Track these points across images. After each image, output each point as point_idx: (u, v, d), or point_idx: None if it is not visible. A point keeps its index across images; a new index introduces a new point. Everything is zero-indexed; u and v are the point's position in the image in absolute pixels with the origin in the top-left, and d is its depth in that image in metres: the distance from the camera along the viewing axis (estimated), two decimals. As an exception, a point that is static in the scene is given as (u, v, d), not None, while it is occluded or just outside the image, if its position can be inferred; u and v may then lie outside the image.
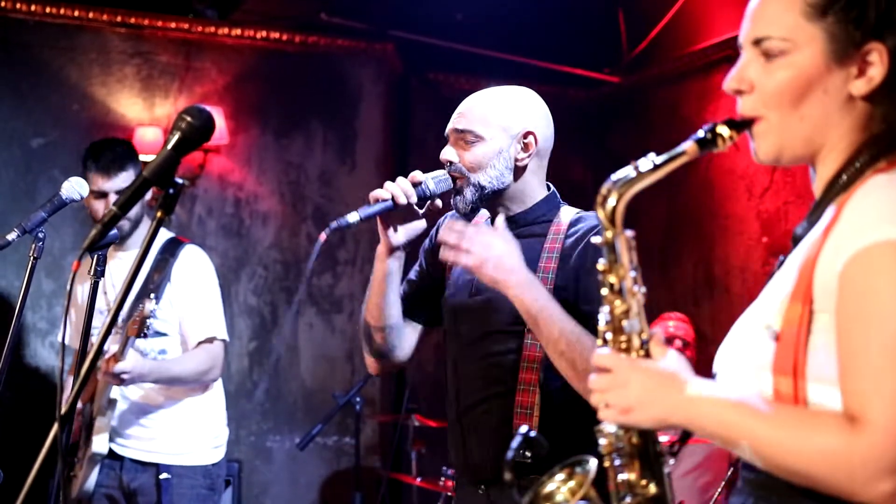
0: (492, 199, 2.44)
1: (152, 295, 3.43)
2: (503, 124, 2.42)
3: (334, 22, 5.73)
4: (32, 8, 5.26)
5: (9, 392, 5.03)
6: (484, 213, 2.54)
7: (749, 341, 1.47)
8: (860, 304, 1.34)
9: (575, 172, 6.50)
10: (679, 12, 5.69)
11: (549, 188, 2.52)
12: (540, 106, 2.48)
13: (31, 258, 2.62)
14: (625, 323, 1.48)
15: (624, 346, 1.48)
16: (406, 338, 2.61)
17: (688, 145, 1.49)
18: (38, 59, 5.32)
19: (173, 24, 5.53)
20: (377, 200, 2.39)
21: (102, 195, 3.62)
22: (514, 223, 2.43)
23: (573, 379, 2.20)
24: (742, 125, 1.50)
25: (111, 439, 3.60)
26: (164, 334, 3.64)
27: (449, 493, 4.40)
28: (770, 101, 1.47)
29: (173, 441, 3.67)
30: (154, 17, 5.48)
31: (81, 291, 3.73)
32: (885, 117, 1.46)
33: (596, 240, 1.51)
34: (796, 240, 1.53)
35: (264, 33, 5.67)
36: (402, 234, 2.46)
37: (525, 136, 2.42)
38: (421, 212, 2.46)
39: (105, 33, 5.44)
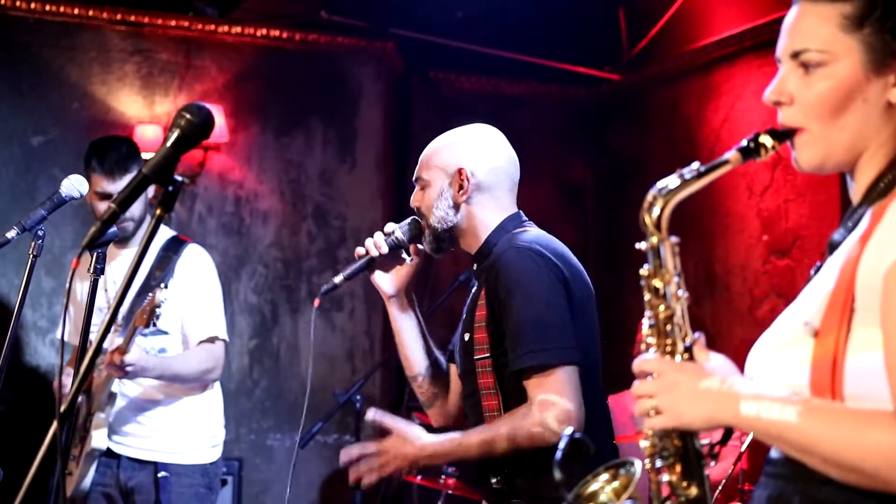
0: (451, 240, 2.54)
1: (163, 285, 3.42)
2: (440, 166, 2.52)
3: (334, 20, 5.73)
4: (32, 6, 5.25)
5: (9, 390, 5.04)
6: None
7: (786, 339, 1.49)
8: None
9: (575, 171, 6.50)
10: (679, 10, 5.68)
11: (504, 221, 2.53)
12: (477, 141, 2.53)
13: (31, 256, 2.62)
14: (669, 327, 1.51)
15: (668, 349, 1.51)
16: (453, 385, 2.66)
17: (731, 154, 1.52)
18: (38, 58, 5.31)
19: (173, 22, 5.53)
20: (360, 257, 2.55)
21: (107, 196, 3.61)
22: (478, 260, 2.53)
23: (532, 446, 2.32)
24: (784, 135, 1.53)
25: (108, 437, 3.60)
26: (165, 332, 3.63)
27: (449, 492, 4.41)
28: (811, 111, 1.51)
29: (172, 439, 3.67)
30: (154, 15, 5.48)
31: (81, 289, 3.72)
32: None
33: (640, 245, 1.54)
34: (833, 245, 1.54)
35: (264, 31, 5.66)
36: (390, 281, 2.59)
37: (459, 173, 2.49)
38: (408, 259, 2.58)
39: (105, 31, 5.44)
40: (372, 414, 2.50)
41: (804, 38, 1.51)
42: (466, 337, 2.46)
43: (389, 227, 2.55)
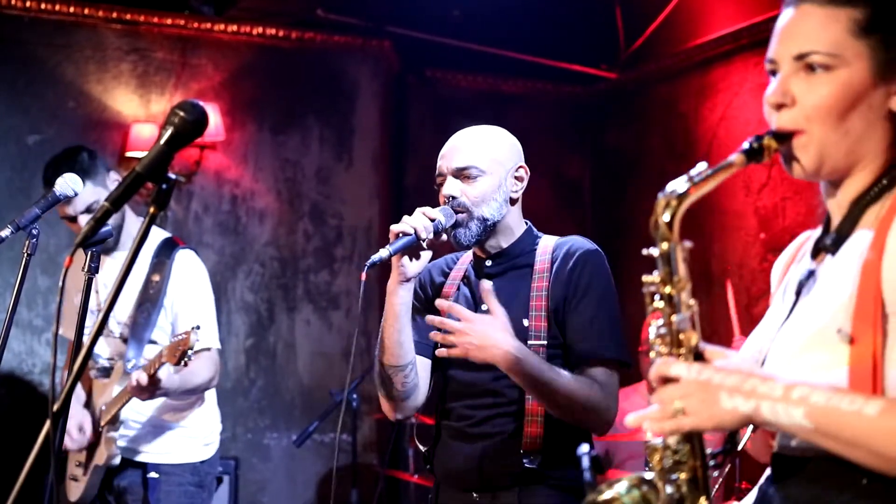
0: (490, 234, 2.56)
1: (195, 326, 3.31)
2: (499, 159, 2.55)
3: (331, 18, 5.72)
4: (28, 4, 5.25)
5: (3, 389, 5.04)
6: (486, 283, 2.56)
7: (818, 347, 1.46)
8: None
9: (572, 169, 6.50)
10: (676, 8, 5.68)
11: (525, 222, 2.66)
12: (517, 143, 2.65)
13: (26, 255, 2.60)
14: (681, 336, 1.47)
15: (681, 358, 1.46)
16: (422, 376, 2.61)
17: (735, 157, 1.50)
18: (34, 56, 5.30)
19: (169, 21, 5.52)
20: (398, 235, 2.45)
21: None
22: (504, 256, 2.60)
23: (575, 415, 2.42)
24: (785, 137, 1.51)
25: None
26: (155, 343, 3.59)
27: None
28: (814, 114, 1.49)
29: (161, 440, 3.63)
30: (150, 14, 5.47)
31: (74, 288, 3.69)
32: None
33: (651, 251, 1.50)
34: (826, 249, 1.53)
35: (260, 29, 5.66)
36: (416, 265, 2.52)
37: (517, 169, 2.58)
38: (425, 244, 2.52)
39: (101, 30, 5.43)
40: (488, 285, 2.39)
41: (810, 40, 1.49)
42: (525, 322, 2.47)
43: (431, 212, 2.48)
